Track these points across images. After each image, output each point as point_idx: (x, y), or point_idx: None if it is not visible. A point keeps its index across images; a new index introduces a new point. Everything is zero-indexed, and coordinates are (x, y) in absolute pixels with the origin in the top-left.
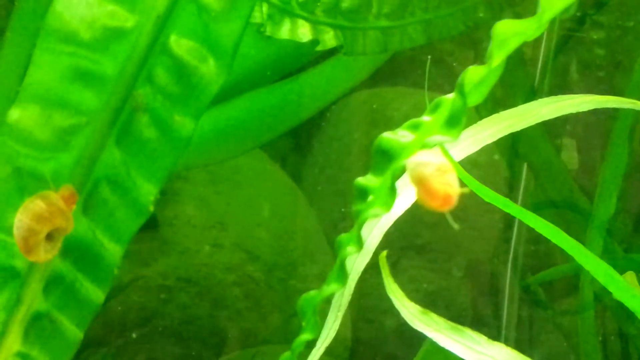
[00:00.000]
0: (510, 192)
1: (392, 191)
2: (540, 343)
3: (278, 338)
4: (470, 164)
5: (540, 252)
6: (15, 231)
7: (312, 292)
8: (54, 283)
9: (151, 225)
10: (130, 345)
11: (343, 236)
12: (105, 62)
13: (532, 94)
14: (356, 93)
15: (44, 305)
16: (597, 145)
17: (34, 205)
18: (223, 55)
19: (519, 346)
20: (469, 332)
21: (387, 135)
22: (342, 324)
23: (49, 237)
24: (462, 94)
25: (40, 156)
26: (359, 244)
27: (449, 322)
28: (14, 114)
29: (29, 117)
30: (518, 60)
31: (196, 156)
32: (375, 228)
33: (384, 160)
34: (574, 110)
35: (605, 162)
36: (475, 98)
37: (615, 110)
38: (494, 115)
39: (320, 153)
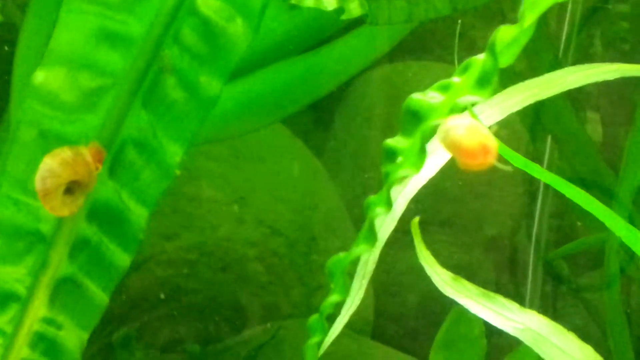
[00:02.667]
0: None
1: (422, 152)
2: (564, 317)
3: (301, 312)
4: (494, 137)
5: (564, 226)
6: (38, 172)
7: (341, 254)
8: (80, 247)
9: None
10: (153, 320)
11: (372, 197)
12: (131, 22)
13: (555, 68)
14: (378, 67)
15: (69, 269)
16: (621, 119)
17: (61, 151)
18: (251, 15)
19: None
20: (500, 299)
21: (416, 96)
22: (364, 299)
23: (71, 191)
24: (493, 54)
25: (66, 118)
26: (389, 205)
27: (480, 289)
28: (39, 76)
29: (55, 79)
30: (542, 34)
31: (218, 129)
32: (399, 196)
33: (414, 121)
34: (599, 78)
35: (631, 134)
36: (506, 59)
37: None
38: (520, 84)
39: (342, 128)
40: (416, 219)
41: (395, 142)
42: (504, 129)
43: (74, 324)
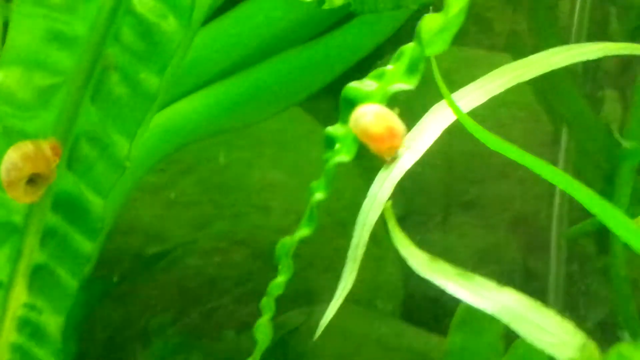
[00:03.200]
0: (553, 145)
1: (356, 139)
2: (592, 295)
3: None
4: (512, 119)
5: None
6: (2, 164)
7: (287, 238)
8: (49, 236)
9: None
10: (188, 307)
11: (313, 183)
12: (75, 23)
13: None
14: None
15: (41, 257)
16: None
17: (23, 144)
18: (182, 12)
19: (570, 299)
20: (477, 278)
21: (353, 84)
22: (394, 281)
23: (33, 182)
24: (419, 43)
25: (24, 115)
26: (327, 189)
27: (457, 269)
28: None
29: (12, 78)
30: (551, 15)
31: (231, 119)
32: (385, 181)
33: (350, 108)
34: (584, 58)
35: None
36: (438, 47)
37: None
38: (503, 67)
39: None
40: (389, 203)
41: (334, 129)
42: (524, 111)
43: (51, 309)
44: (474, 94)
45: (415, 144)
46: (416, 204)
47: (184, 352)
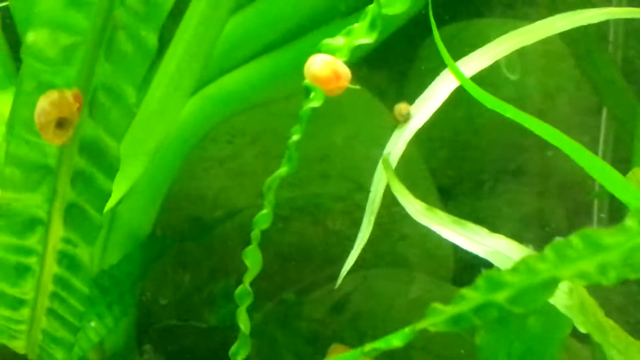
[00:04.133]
0: (598, 114)
1: None
2: None
3: (385, 262)
4: (557, 89)
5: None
6: (35, 112)
7: (270, 178)
8: (78, 177)
9: None
10: None
11: (293, 128)
12: None
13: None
14: (446, 27)
15: (72, 196)
16: None
17: (50, 93)
18: None
19: None
20: (471, 225)
21: (327, 40)
22: (445, 249)
23: (61, 126)
24: (378, 3)
25: (52, 70)
26: (302, 132)
27: (452, 217)
28: (30, 36)
29: (41, 38)
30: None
31: (274, 90)
32: (398, 139)
33: None
34: (587, 22)
35: None
36: (397, 7)
37: None
38: (509, 33)
39: (415, 85)
40: (387, 155)
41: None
42: (569, 80)
43: (83, 242)
44: (480, 59)
45: (426, 106)
46: (466, 172)
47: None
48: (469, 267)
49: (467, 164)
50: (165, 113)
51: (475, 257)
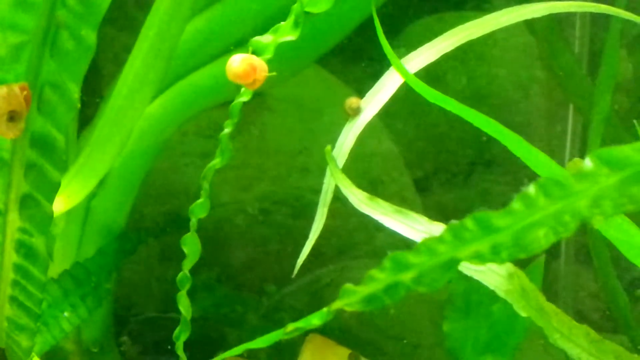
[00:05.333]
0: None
1: None
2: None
3: (364, 253)
4: (530, 79)
5: None
6: None
7: (210, 164)
8: (30, 169)
9: None
10: (233, 264)
11: (227, 122)
12: None
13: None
14: (421, 19)
15: (26, 187)
16: None
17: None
18: None
19: (584, 256)
20: (412, 214)
21: (256, 38)
22: None
23: (12, 119)
24: (300, 2)
25: (3, 68)
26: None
27: (393, 206)
28: None
29: None
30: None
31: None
32: (350, 132)
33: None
34: (529, 16)
35: (601, 65)
36: (322, 6)
37: None
38: (454, 29)
39: None
40: (328, 148)
41: None
42: (543, 71)
43: (38, 231)
44: (427, 54)
45: (375, 100)
46: (441, 164)
47: (227, 305)
48: None
49: (443, 156)
50: (132, 109)
51: None
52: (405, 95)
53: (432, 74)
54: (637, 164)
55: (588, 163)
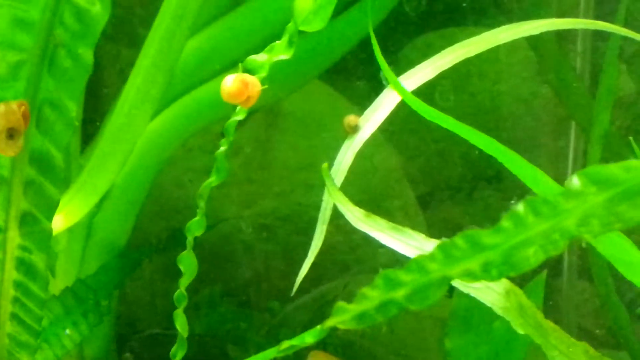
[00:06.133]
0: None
1: None
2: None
3: (367, 268)
4: (533, 95)
5: None
6: None
7: (206, 182)
8: (29, 186)
9: None
10: (236, 280)
11: (222, 141)
12: (31, 10)
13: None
14: (423, 35)
15: (25, 204)
16: None
17: None
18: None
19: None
20: (408, 231)
21: (252, 57)
22: None
23: (11, 137)
24: (294, 22)
25: (2, 86)
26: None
27: (390, 223)
28: None
29: None
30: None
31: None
32: (348, 150)
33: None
34: (527, 34)
35: (600, 81)
36: (316, 24)
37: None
38: (452, 46)
39: None
40: (325, 165)
41: None
42: (544, 86)
43: (38, 249)
44: (425, 71)
45: (373, 119)
46: (444, 179)
47: (231, 321)
48: None
49: (445, 172)
50: (133, 126)
51: None
52: (408, 111)
53: (433, 89)
54: (624, 182)
55: (576, 181)
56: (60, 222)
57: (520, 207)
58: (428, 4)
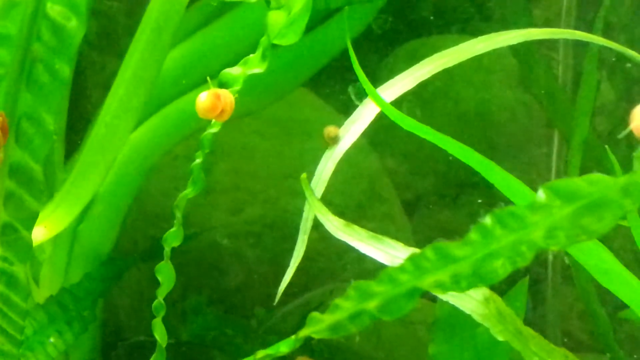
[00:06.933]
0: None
1: None
2: None
3: (352, 275)
4: (516, 101)
5: None
6: None
7: (182, 194)
8: (9, 198)
9: None
10: (223, 287)
11: (197, 153)
12: (9, 26)
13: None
14: (406, 44)
15: (6, 217)
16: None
17: None
18: (80, 14)
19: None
20: (387, 240)
21: (226, 70)
22: None
23: None
24: (268, 35)
25: None
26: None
27: (369, 233)
28: None
29: None
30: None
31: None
32: (329, 160)
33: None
34: (506, 44)
35: (580, 90)
36: (290, 38)
37: None
38: (432, 56)
39: None
40: (304, 175)
41: None
42: (527, 94)
43: (18, 260)
44: (406, 81)
45: (353, 129)
46: (428, 185)
47: (217, 328)
48: None
49: (431, 178)
50: (115, 136)
51: None
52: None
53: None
54: (588, 195)
55: (541, 195)
56: (43, 232)
57: (487, 220)
58: (411, 12)
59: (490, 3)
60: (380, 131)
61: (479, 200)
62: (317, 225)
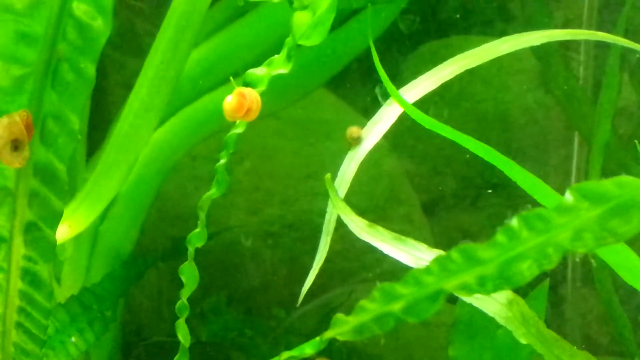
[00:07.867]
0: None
1: None
2: None
3: (373, 276)
4: (537, 104)
5: None
6: None
7: (207, 195)
8: (33, 197)
9: None
10: (242, 287)
11: (219, 160)
12: (34, 25)
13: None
14: (428, 44)
15: (30, 215)
16: None
17: (1, 119)
18: (106, 13)
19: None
20: (410, 241)
21: (251, 70)
22: None
23: (16, 149)
24: (293, 36)
25: (6, 99)
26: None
27: (393, 234)
28: None
29: None
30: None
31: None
32: (351, 161)
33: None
34: (529, 44)
35: (601, 91)
36: (315, 39)
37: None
38: (454, 57)
39: None
40: (328, 176)
41: None
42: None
43: (42, 259)
44: (426, 83)
45: (375, 130)
46: (448, 187)
47: (236, 329)
48: None
49: (450, 179)
50: (138, 135)
51: None
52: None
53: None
54: (616, 198)
55: (569, 197)
56: (65, 231)
57: (514, 222)
58: (432, 13)
59: (511, 4)
60: (400, 133)
61: (499, 202)
62: (337, 226)
